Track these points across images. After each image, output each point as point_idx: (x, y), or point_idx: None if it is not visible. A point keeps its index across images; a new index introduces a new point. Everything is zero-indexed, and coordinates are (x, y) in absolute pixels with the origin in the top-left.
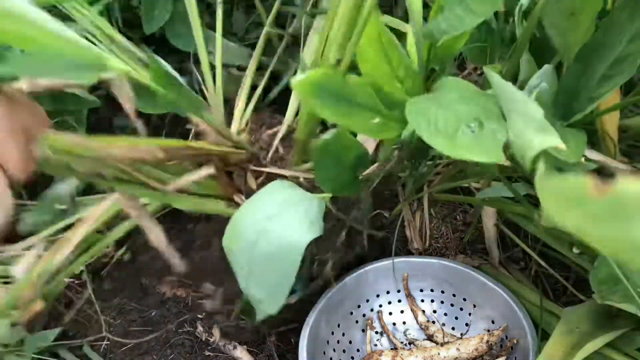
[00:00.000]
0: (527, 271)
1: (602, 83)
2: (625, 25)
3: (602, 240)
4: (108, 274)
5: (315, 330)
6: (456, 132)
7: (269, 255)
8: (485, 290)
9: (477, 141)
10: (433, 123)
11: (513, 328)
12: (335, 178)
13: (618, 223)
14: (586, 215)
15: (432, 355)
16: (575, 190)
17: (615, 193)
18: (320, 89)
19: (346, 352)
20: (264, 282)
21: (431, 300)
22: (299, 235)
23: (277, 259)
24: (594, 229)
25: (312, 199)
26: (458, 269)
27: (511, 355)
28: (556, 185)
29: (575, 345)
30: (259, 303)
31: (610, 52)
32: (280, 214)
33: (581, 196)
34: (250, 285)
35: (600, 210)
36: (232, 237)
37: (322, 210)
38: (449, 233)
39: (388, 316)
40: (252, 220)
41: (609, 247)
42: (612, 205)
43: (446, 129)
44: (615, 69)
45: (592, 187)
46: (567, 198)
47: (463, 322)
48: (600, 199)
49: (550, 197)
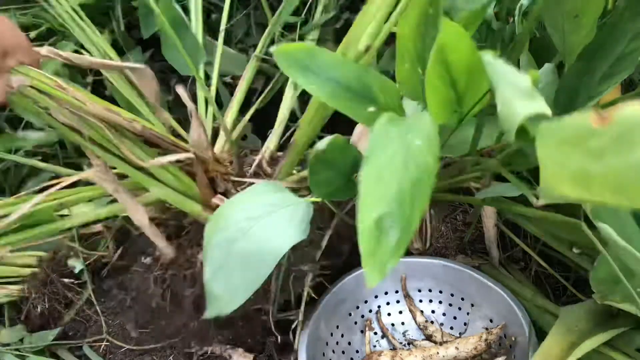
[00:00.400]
0: (527, 271)
1: (603, 81)
2: (627, 24)
3: (606, 176)
4: (108, 274)
5: (315, 331)
6: (376, 212)
7: (246, 254)
8: (483, 290)
9: (376, 248)
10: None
11: (511, 326)
12: (329, 182)
13: (622, 151)
14: (589, 152)
15: (432, 354)
16: (577, 127)
17: (619, 118)
18: (299, 61)
19: (345, 353)
20: (231, 280)
21: (429, 300)
22: (281, 240)
23: (253, 260)
24: (598, 165)
25: (298, 203)
26: (456, 268)
27: (510, 353)
28: (559, 127)
29: (573, 343)
30: (216, 299)
31: (611, 51)
32: (266, 215)
33: (584, 131)
34: (215, 279)
35: (604, 142)
36: (213, 229)
37: (308, 215)
38: (449, 233)
39: (387, 317)
40: (236, 217)
41: (612, 183)
42: (615, 133)
43: (378, 198)
44: (616, 67)
45: (595, 118)
46: (569, 139)
47: (461, 322)
48: (603, 129)
49: (551, 144)
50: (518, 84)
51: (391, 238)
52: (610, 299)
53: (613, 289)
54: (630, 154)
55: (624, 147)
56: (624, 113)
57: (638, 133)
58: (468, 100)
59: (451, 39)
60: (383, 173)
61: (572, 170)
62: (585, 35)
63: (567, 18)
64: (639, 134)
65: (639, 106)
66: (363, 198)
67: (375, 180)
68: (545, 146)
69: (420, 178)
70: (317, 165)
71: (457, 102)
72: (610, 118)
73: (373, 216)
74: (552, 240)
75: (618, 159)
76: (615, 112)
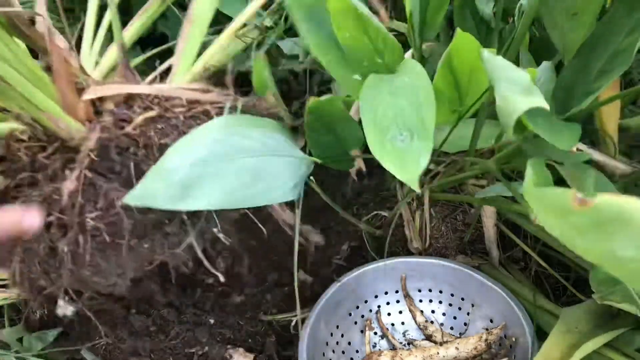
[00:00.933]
0: (527, 271)
1: (599, 78)
2: (622, 19)
3: (586, 250)
4: None
5: (315, 331)
6: (386, 135)
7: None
8: (484, 290)
9: (401, 156)
10: (374, 113)
11: (512, 326)
12: (328, 147)
13: (600, 235)
14: (570, 225)
15: (432, 354)
16: (559, 201)
17: (596, 208)
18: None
19: (345, 353)
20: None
21: (429, 300)
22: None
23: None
24: (578, 239)
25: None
26: (456, 268)
27: (510, 353)
28: (542, 195)
29: (573, 345)
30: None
31: (607, 47)
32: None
33: (565, 207)
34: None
35: (583, 222)
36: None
37: (307, 173)
38: (449, 233)
39: (387, 317)
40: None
41: (592, 257)
42: (593, 219)
43: (381, 127)
44: (612, 63)
45: (574, 200)
46: (552, 208)
47: (462, 322)
48: (582, 211)
49: (538, 207)
50: (517, 79)
51: (415, 144)
52: (610, 299)
53: (613, 289)
54: (608, 242)
55: (602, 234)
56: (601, 203)
57: (615, 225)
58: (469, 100)
59: (459, 46)
60: (377, 108)
61: (559, 234)
62: (584, 33)
63: (566, 16)
64: (615, 227)
65: (614, 200)
66: (369, 134)
67: (375, 115)
68: (532, 204)
69: (416, 96)
70: (316, 123)
71: (459, 102)
72: (589, 204)
73: (385, 142)
74: (552, 240)
75: (598, 241)
76: (594, 200)
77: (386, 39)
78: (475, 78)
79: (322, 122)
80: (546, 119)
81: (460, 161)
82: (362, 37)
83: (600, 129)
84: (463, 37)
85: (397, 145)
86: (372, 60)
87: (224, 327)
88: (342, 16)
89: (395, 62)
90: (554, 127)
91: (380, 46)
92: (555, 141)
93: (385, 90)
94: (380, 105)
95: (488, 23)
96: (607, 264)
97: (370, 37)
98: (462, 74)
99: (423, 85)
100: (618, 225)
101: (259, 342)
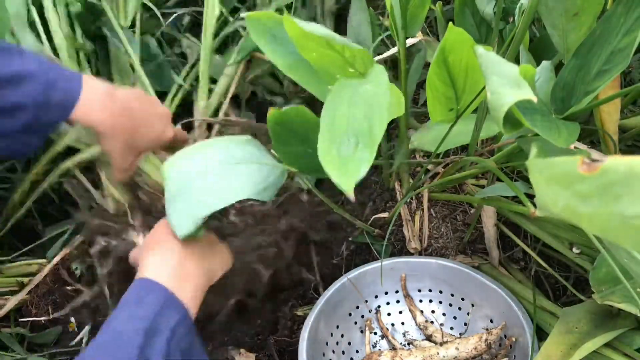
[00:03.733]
0: (527, 271)
1: (598, 77)
2: (621, 18)
3: (592, 218)
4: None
5: (315, 331)
6: (335, 142)
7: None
8: (484, 290)
9: (343, 164)
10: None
11: (512, 327)
12: (299, 156)
13: (606, 200)
14: (576, 194)
15: (432, 355)
16: (565, 169)
17: (604, 170)
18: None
19: (345, 353)
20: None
21: (429, 301)
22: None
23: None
24: (584, 207)
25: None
26: (456, 268)
27: (510, 353)
28: (547, 166)
29: (573, 345)
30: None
31: (606, 47)
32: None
33: (571, 175)
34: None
35: (589, 188)
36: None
37: (281, 180)
38: (448, 233)
39: (387, 317)
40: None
41: (598, 225)
42: (600, 183)
43: (334, 134)
44: (610, 62)
45: (582, 166)
46: (557, 178)
47: (462, 322)
48: (589, 176)
49: (541, 179)
50: (506, 73)
51: (359, 152)
52: (610, 299)
53: (613, 289)
54: (614, 204)
55: (608, 197)
56: (609, 165)
57: (622, 186)
58: (466, 98)
59: (452, 41)
60: (335, 115)
61: (562, 206)
62: (584, 33)
63: (566, 16)
64: (623, 187)
65: (623, 160)
66: (321, 141)
67: (331, 122)
68: (535, 179)
69: (372, 106)
70: (283, 133)
71: (456, 100)
72: (597, 168)
73: (332, 148)
74: (552, 240)
75: (603, 206)
76: (601, 162)
77: (353, 50)
78: (472, 76)
79: (294, 132)
80: (545, 117)
81: (460, 161)
82: (329, 52)
83: (600, 129)
84: (456, 33)
85: (342, 152)
86: (344, 70)
87: (225, 327)
88: (303, 40)
89: (367, 68)
90: (552, 125)
91: (349, 57)
92: (553, 139)
93: (346, 99)
94: (338, 113)
95: (488, 23)
96: (613, 229)
97: (337, 51)
98: (458, 73)
99: (381, 93)
100: (626, 183)
101: (259, 342)
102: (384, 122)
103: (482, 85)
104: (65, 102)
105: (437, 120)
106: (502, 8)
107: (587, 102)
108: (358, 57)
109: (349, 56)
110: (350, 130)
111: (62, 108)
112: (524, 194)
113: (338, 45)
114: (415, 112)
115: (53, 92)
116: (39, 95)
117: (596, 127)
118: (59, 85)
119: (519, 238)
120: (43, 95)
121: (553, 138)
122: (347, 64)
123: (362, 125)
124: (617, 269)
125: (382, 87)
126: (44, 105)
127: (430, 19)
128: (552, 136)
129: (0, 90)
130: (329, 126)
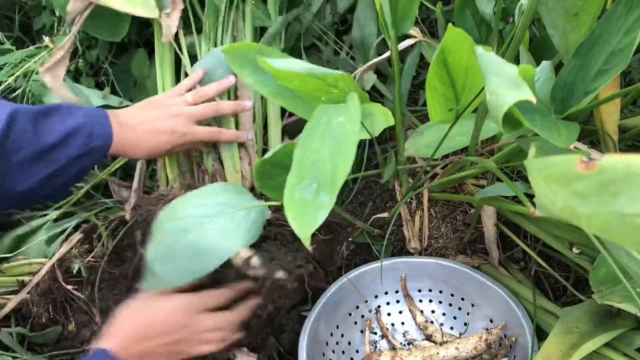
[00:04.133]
0: (527, 271)
1: (598, 77)
2: (621, 18)
3: (591, 217)
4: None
5: (315, 331)
6: (300, 183)
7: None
8: (483, 290)
9: (303, 210)
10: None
11: (512, 326)
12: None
13: (605, 198)
14: (574, 193)
15: (432, 355)
16: (563, 168)
17: (602, 168)
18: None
19: (345, 353)
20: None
21: (429, 301)
22: (229, 242)
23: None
24: (583, 206)
25: (253, 206)
26: (456, 268)
27: (510, 353)
28: (545, 165)
29: (573, 345)
30: (152, 277)
31: (606, 47)
32: (219, 214)
33: (569, 174)
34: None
35: (588, 187)
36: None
37: (262, 218)
38: (448, 233)
39: (387, 317)
40: (190, 212)
41: (597, 224)
42: (598, 181)
43: (301, 173)
44: (610, 62)
45: (580, 164)
46: (555, 177)
47: (461, 322)
48: (587, 175)
49: (540, 179)
50: (506, 73)
51: (319, 198)
52: (610, 299)
53: (613, 289)
54: (613, 202)
55: (607, 195)
56: (607, 164)
57: (620, 184)
58: (465, 98)
59: (452, 42)
60: (306, 150)
61: (561, 205)
62: (584, 34)
63: (566, 16)
64: (621, 185)
65: (621, 158)
66: (288, 181)
67: (300, 159)
68: (534, 179)
69: (339, 144)
70: (269, 171)
71: (456, 100)
72: (595, 166)
73: (296, 191)
74: (552, 240)
75: (602, 205)
76: (599, 161)
77: (335, 76)
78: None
79: (281, 164)
80: (544, 117)
81: (460, 161)
82: (310, 80)
83: (600, 129)
84: (455, 33)
85: (304, 196)
86: (328, 93)
87: None
88: (281, 74)
89: (350, 88)
90: (552, 125)
91: (331, 81)
92: (553, 139)
93: (319, 132)
94: (309, 147)
95: (488, 23)
96: (611, 228)
97: (318, 77)
98: (458, 73)
99: (350, 130)
100: (624, 181)
101: (259, 342)
102: (348, 162)
103: (481, 86)
104: (104, 147)
105: (437, 120)
106: (502, 8)
107: (587, 102)
108: (340, 80)
109: (331, 81)
110: (313, 172)
111: (100, 151)
112: (523, 194)
113: (318, 72)
114: (416, 112)
115: (94, 140)
116: (82, 147)
117: (596, 127)
118: (96, 131)
119: (518, 238)
120: (84, 146)
121: (553, 138)
122: (330, 86)
123: (326, 167)
124: (616, 269)
125: (353, 124)
126: (86, 154)
127: (431, 20)
128: (552, 136)
129: (52, 154)
130: (299, 164)
